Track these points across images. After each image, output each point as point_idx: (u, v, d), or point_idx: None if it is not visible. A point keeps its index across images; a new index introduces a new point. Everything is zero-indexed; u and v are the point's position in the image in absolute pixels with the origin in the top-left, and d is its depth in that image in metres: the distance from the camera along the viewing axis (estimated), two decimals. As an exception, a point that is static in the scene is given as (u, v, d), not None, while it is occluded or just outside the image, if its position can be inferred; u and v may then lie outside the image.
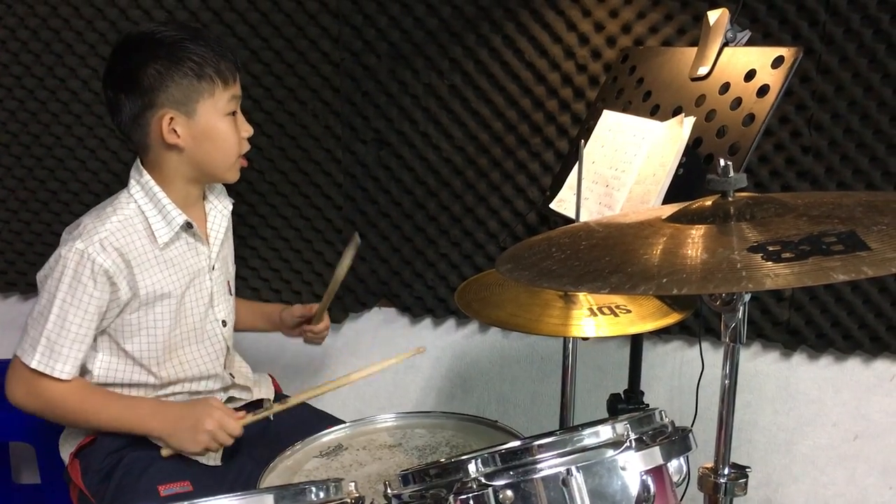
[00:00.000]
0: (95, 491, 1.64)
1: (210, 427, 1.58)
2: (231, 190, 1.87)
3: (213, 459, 1.69)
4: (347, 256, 1.78)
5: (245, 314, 1.98)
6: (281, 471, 1.49)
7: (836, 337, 2.07)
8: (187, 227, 1.67)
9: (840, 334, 2.07)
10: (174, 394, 1.72)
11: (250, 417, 1.67)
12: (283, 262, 2.36)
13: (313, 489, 1.11)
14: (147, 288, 1.62)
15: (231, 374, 1.81)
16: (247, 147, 1.70)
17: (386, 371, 2.44)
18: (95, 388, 1.65)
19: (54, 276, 1.56)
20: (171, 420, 1.61)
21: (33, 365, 1.56)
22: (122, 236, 1.59)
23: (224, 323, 1.78)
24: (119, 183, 2.34)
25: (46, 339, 1.55)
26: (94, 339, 1.62)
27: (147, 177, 1.64)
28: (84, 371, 1.64)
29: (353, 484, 1.16)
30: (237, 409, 1.79)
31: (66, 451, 1.73)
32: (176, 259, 1.67)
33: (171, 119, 1.58)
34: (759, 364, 2.18)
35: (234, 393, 1.82)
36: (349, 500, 1.13)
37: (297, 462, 1.52)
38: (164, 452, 1.62)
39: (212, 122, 1.62)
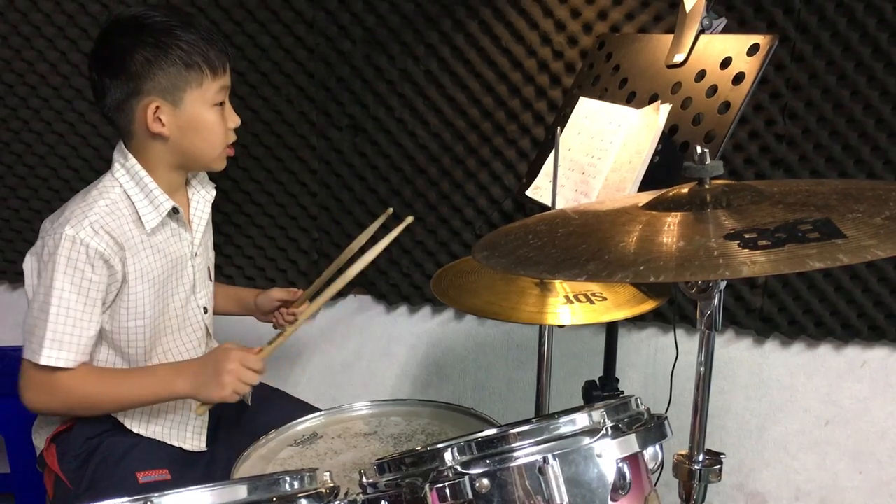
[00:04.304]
0: (72, 476, 1.62)
1: (231, 367, 1.53)
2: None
3: (198, 445, 1.69)
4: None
5: (218, 298, 1.96)
6: (255, 459, 1.47)
7: (808, 324, 2.09)
8: (174, 212, 1.63)
9: (812, 321, 2.09)
10: None
11: (268, 348, 1.62)
12: (258, 249, 2.34)
13: (287, 479, 1.10)
14: (136, 273, 1.58)
15: None
16: (233, 137, 1.66)
17: (361, 356, 2.46)
18: (103, 368, 1.61)
19: (48, 268, 1.50)
20: (193, 373, 1.56)
21: (42, 362, 1.50)
22: (111, 220, 1.54)
23: (205, 309, 1.76)
24: (89, 168, 2.31)
25: (53, 333, 1.49)
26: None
27: (133, 160, 1.59)
28: None
29: (327, 473, 1.15)
30: None
31: (40, 438, 1.70)
32: (161, 245, 1.63)
33: (157, 108, 1.54)
34: (732, 351, 2.20)
35: None
36: (324, 490, 1.11)
37: (272, 450, 1.51)
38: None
39: (198, 113, 1.58)
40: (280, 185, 2.26)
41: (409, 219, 1.71)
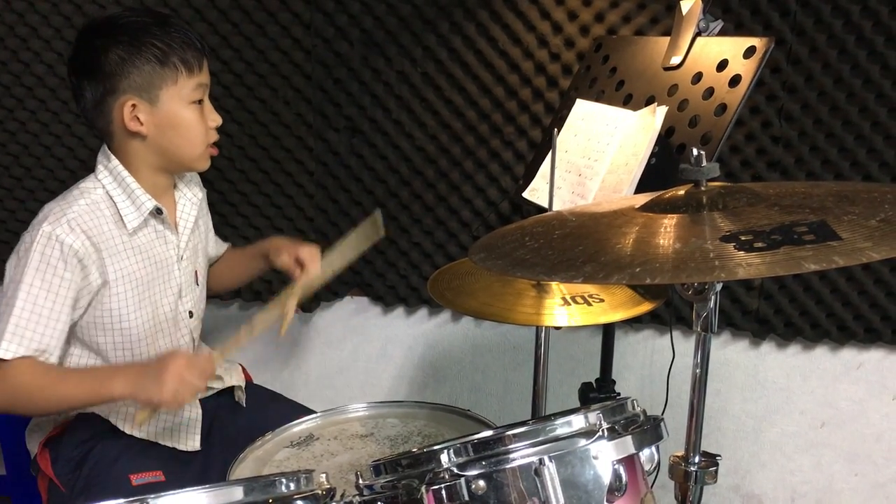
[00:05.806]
0: (66, 480, 1.62)
1: (175, 367, 1.43)
2: (201, 177, 1.84)
3: (192, 444, 1.68)
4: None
5: (229, 264, 1.95)
6: (251, 461, 1.47)
7: (804, 326, 2.09)
8: (157, 213, 1.63)
9: (808, 323, 2.09)
10: None
11: (217, 353, 1.55)
12: (254, 251, 2.33)
13: (283, 481, 1.10)
14: (116, 274, 1.57)
15: None
16: (215, 136, 1.65)
17: (357, 357, 2.46)
18: (50, 364, 1.54)
19: (21, 263, 1.50)
20: (134, 373, 1.49)
21: (0, 355, 1.46)
22: (89, 219, 1.54)
23: (191, 314, 1.74)
24: (85, 169, 2.30)
25: (14, 327, 1.47)
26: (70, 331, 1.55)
27: (115, 162, 1.59)
28: None
29: (324, 475, 1.15)
30: (208, 398, 1.77)
31: (33, 442, 1.70)
32: (144, 246, 1.62)
33: (134, 106, 1.54)
34: (728, 352, 2.20)
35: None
36: (320, 492, 1.12)
37: (268, 452, 1.51)
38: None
39: (175, 110, 1.57)
40: (277, 187, 2.26)
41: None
